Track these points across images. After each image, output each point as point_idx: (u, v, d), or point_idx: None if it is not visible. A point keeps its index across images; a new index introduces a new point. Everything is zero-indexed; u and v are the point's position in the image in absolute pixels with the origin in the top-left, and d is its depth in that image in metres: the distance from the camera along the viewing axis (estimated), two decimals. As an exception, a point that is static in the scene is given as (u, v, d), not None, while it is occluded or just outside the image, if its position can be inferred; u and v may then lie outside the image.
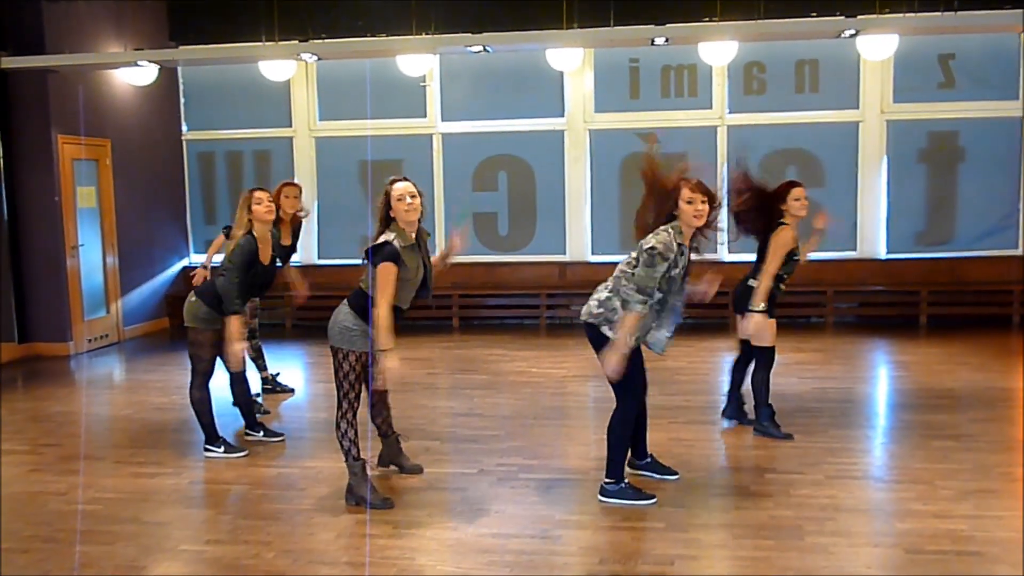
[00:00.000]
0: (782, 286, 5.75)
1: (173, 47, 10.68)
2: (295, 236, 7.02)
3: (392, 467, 5.21)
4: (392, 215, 4.55)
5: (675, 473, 5.03)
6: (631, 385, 4.58)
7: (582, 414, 6.65)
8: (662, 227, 4.44)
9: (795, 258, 5.68)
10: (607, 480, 4.70)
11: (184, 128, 11.41)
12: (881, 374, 8.22)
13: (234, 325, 5.35)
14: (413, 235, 4.60)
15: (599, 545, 4.23)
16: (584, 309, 4.64)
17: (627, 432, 4.72)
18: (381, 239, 4.50)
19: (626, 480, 4.72)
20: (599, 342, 4.57)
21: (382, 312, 4.40)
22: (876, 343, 9.24)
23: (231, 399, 6.07)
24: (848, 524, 4.37)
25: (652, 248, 4.34)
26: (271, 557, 4.16)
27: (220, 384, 5.93)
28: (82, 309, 9.52)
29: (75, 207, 9.45)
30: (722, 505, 4.73)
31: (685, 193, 4.41)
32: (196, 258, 11.27)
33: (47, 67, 8.90)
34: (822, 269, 10.33)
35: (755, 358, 5.85)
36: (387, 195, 4.53)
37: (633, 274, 4.41)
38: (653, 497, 4.66)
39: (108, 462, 5.61)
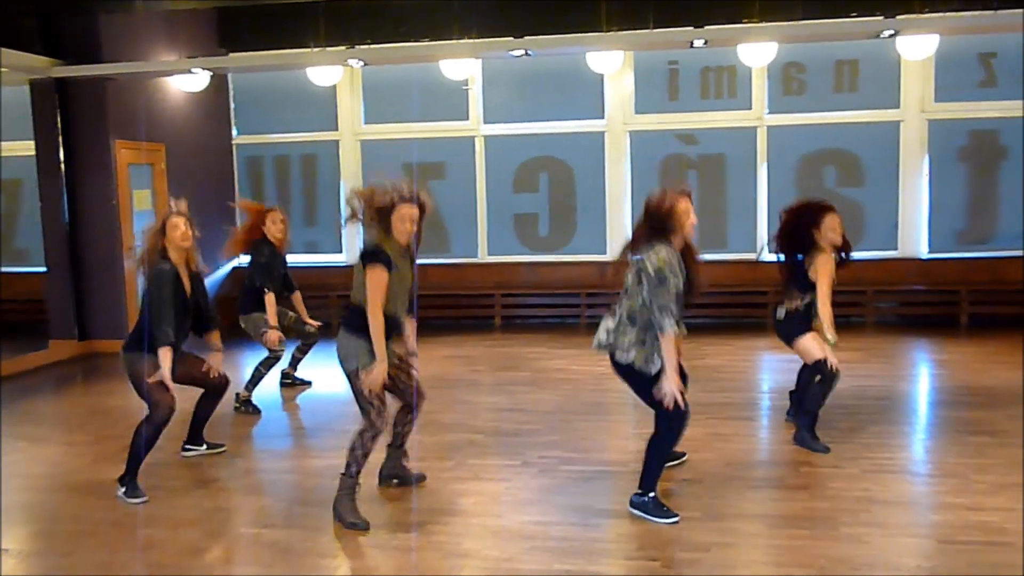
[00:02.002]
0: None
1: (224, 54, 11.01)
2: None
3: (394, 480, 5.07)
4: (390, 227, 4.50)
5: (683, 454, 5.20)
6: (674, 412, 4.44)
7: (621, 410, 6.78)
8: (656, 245, 4.40)
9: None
10: (637, 491, 4.62)
11: (234, 132, 11.75)
12: (920, 372, 8.26)
13: (163, 356, 4.96)
14: (402, 245, 4.57)
15: (637, 533, 4.39)
16: (595, 338, 4.62)
17: (668, 455, 4.71)
18: (374, 246, 4.50)
19: (653, 495, 4.60)
20: (618, 369, 4.59)
21: (376, 322, 4.43)
22: (916, 342, 9.26)
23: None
24: (882, 515, 4.48)
25: (660, 270, 4.32)
26: (324, 541, 4.38)
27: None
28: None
29: (131, 209, 9.80)
30: (758, 496, 4.85)
31: (683, 206, 4.41)
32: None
33: (105, 75, 9.25)
34: (862, 268, 10.24)
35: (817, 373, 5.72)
36: (392, 206, 4.48)
37: (647, 300, 4.38)
38: (676, 516, 4.48)
39: (166, 452, 5.84)
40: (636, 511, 4.57)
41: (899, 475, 5.13)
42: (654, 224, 4.45)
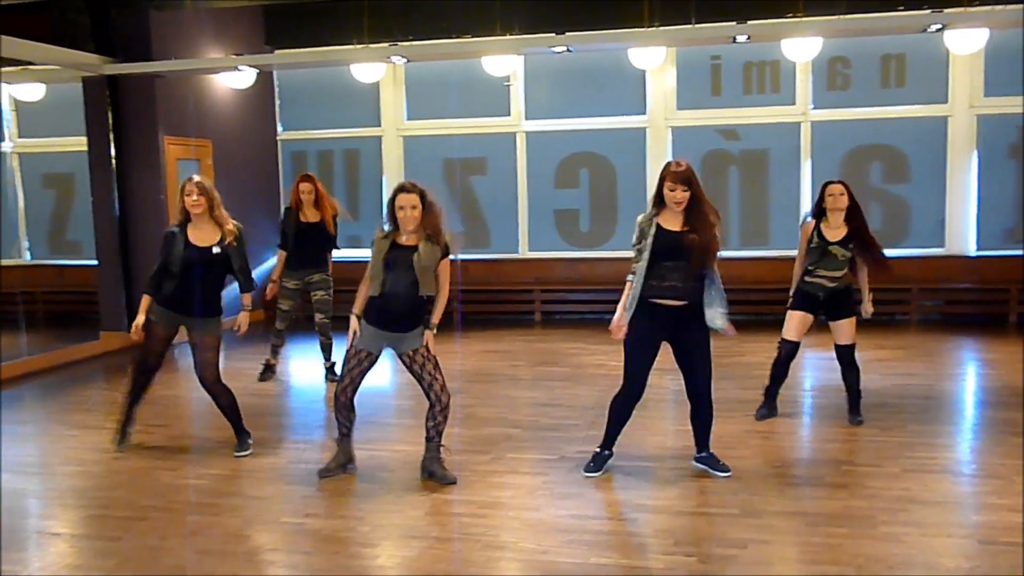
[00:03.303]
0: (816, 280, 5.98)
1: (269, 51, 11.18)
2: (327, 223, 7.71)
3: (429, 476, 5.14)
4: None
5: (727, 470, 5.08)
6: (625, 365, 5.04)
7: (660, 406, 6.79)
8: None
9: (811, 245, 5.97)
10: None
11: (279, 128, 11.93)
12: (966, 371, 8.14)
13: (143, 303, 5.66)
14: (407, 236, 4.94)
15: (674, 528, 4.41)
16: None
17: (616, 408, 5.13)
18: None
19: (607, 452, 5.17)
20: None
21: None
22: (962, 341, 9.12)
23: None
24: (922, 515, 4.45)
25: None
26: (365, 531, 4.46)
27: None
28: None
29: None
30: (796, 494, 4.83)
31: (667, 182, 4.86)
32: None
33: (154, 72, 9.45)
34: (908, 266, 10.21)
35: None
36: (393, 197, 4.96)
37: None
38: (597, 471, 5.08)
39: (212, 442, 6.00)
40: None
41: (940, 475, 5.08)
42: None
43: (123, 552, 4.29)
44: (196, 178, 5.77)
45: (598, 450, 5.20)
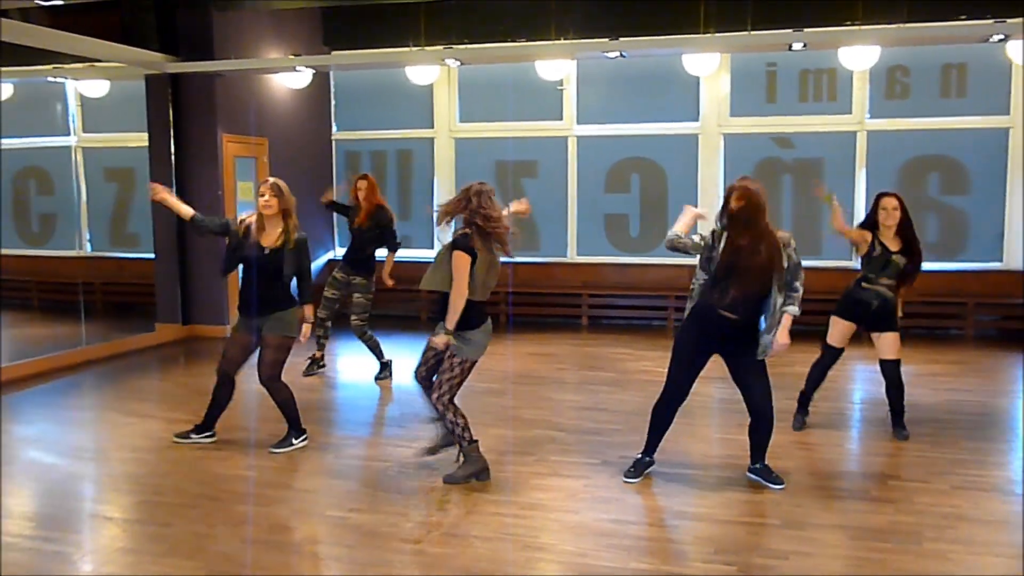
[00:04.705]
0: (875, 287, 5.91)
1: (327, 52, 11.36)
2: (376, 224, 7.72)
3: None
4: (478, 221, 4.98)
5: (781, 483, 5.04)
6: (669, 368, 5.08)
7: (704, 413, 6.78)
8: None
9: (874, 255, 5.88)
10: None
11: (334, 128, 12.10)
12: (1021, 389, 7.94)
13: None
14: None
15: (715, 536, 4.39)
16: None
17: (658, 413, 5.15)
18: (462, 232, 4.99)
19: (648, 459, 5.19)
20: None
21: (456, 300, 4.87)
22: (1018, 358, 8.91)
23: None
24: (969, 533, 4.38)
25: None
26: (407, 527, 4.52)
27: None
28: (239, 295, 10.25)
29: (236, 201, 10.20)
30: (841, 507, 4.79)
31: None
32: (340, 251, 11.90)
33: (215, 71, 9.66)
34: (963, 280, 10.04)
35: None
36: (478, 196, 5.07)
37: None
38: (637, 477, 5.12)
39: (263, 434, 6.12)
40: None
41: (991, 493, 4.99)
42: None
43: (173, 537, 4.41)
44: (271, 180, 5.78)
45: (639, 456, 5.20)
